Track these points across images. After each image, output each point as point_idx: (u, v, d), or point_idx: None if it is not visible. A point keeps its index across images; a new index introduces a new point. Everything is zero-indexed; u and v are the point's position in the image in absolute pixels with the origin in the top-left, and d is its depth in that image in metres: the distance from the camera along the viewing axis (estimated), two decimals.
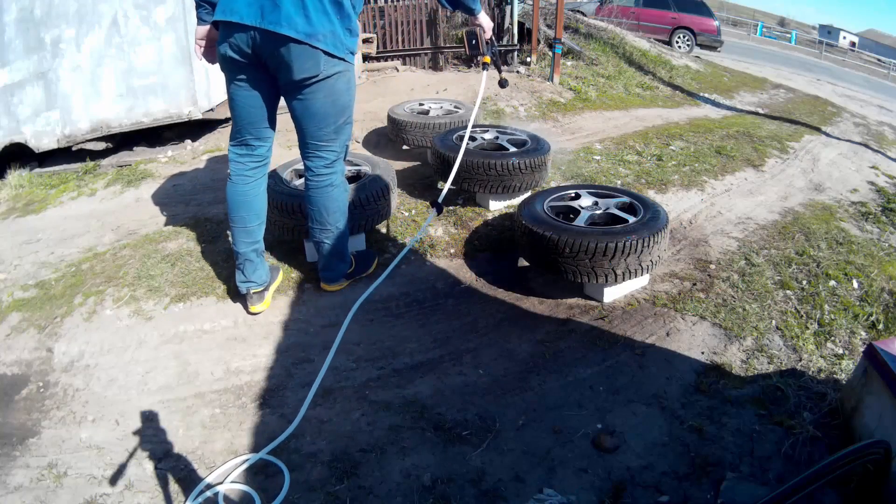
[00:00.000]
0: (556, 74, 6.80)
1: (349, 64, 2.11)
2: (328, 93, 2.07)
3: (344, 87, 2.11)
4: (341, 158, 2.32)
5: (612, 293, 2.76)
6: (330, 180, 2.30)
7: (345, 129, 2.23)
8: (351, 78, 2.15)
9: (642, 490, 1.78)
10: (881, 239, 3.66)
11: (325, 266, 2.52)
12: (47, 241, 3.38)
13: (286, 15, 1.86)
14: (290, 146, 4.64)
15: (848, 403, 1.96)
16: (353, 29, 2.04)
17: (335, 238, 2.41)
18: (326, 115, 2.13)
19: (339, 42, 1.99)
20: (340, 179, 2.35)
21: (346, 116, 2.21)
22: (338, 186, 2.33)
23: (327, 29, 1.93)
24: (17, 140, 4.40)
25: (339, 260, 2.51)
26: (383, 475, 1.85)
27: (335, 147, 2.24)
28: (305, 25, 1.88)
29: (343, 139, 2.25)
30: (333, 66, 2.03)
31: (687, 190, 4.18)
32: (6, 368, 2.42)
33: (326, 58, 1.98)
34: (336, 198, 2.34)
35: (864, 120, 8.11)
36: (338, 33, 1.97)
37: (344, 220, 2.43)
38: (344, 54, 2.03)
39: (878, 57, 26.06)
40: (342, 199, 2.37)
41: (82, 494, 1.83)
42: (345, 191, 2.40)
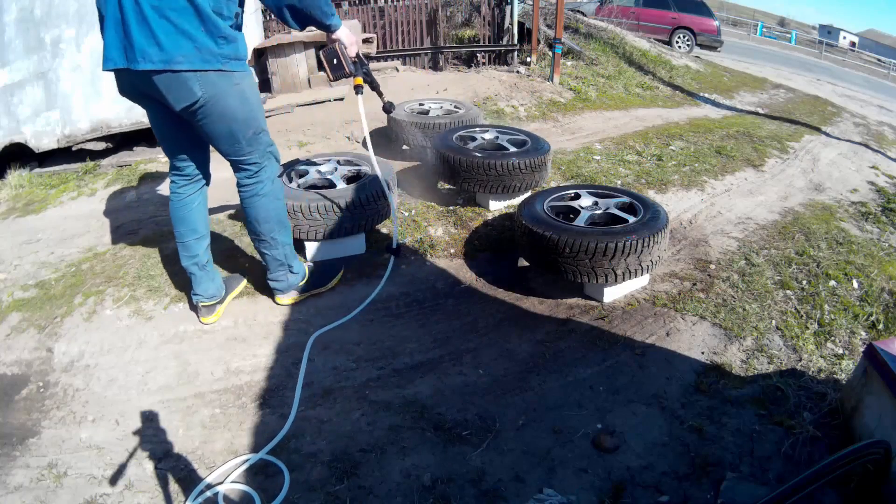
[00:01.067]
0: (556, 74, 6.80)
1: (237, 73, 1.93)
2: (221, 114, 1.93)
3: (237, 104, 1.94)
4: (267, 166, 2.19)
5: (612, 293, 2.76)
6: (255, 190, 2.18)
7: (257, 139, 2.10)
8: (244, 89, 1.97)
9: (642, 490, 1.78)
10: (881, 239, 3.66)
11: (272, 277, 2.42)
12: (47, 241, 3.38)
13: (139, 49, 1.75)
14: (290, 146, 4.64)
15: (848, 403, 1.96)
16: (227, 35, 1.85)
17: (273, 248, 2.30)
18: (230, 134, 2.01)
19: (210, 54, 1.81)
20: (269, 188, 2.20)
21: (254, 128, 2.07)
22: (265, 195, 2.19)
23: (187, 47, 1.77)
24: (17, 140, 4.40)
25: (285, 271, 2.37)
26: (383, 475, 1.85)
27: (254, 158, 2.13)
28: (158, 53, 1.74)
29: (261, 148, 2.13)
30: (214, 85, 1.86)
31: (687, 190, 4.18)
32: (6, 368, 2.42)
33: (200, 78, 1.82)
34: (264, 206, 2.21)
35: (864, 120, 8.11)
36: (204, 46, 1.79)
37: (280, 228, 2.30)
38: (221, 65, 1.85)
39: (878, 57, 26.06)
40: (272, 208, 2.23)
41: (82, 494, 1.83)
42: (275, 199, 2.24)
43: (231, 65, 1.89)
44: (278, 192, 2.26)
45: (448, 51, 8.17)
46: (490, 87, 6.25)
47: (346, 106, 5.54)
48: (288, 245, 2.33)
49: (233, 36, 1.88)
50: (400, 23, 7.94)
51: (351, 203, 2.84)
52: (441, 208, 3.64)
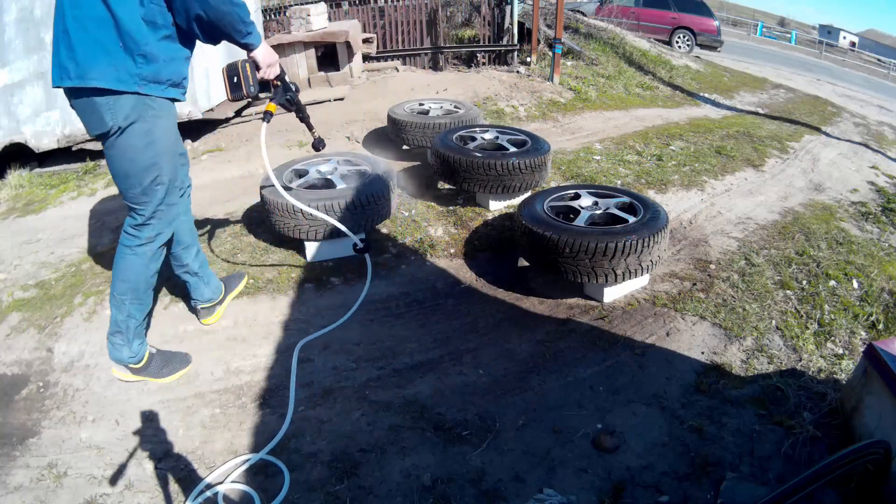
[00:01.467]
0: (556, 74, 6.80)
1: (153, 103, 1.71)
2: (124, 150, 1.74)
3: (141, 144, 1.72)
4: (154, 225, 1.92)
5: (612, 293, 2.76)
6: (129, 242, 1.94)
7: (154, 190, 1.85)
8: (152, 128, 1.74)
9: (642, 490, 1.78)
10: (881, 239, 3.66)
11: (109, 339, 2.09)
12: (47, 241, 3.38)
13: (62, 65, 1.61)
14: (290, 146, 4.64)
15: (848, 403, 1.96)
16: (148, 53, 1.61)
17: (119, 311, 2.00)
18: (127, 175, 1.80)
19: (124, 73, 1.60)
20: (146, 250, 1.94)
21: (154, 176, 1.82)
22: (138, 255, 1.93)
23: (102, 62, 1.58)
24: (17, 140, 4.40)
25: (121, 341, 2.05)
26: (383, 475, 1.85)
27: (146, 210, 1.88)
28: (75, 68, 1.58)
29: (155, 202, 1.87)
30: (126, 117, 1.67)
31: (687, 190, 4.18)
32: (6, 368, 2.42)
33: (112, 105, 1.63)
34: (128, 266, 1.94)
35: (864, 120, 8.11)
36: (120, 63, 1.59)
37: (132, 298, 1.99)
38: (138, 87, 1.64)
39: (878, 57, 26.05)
40: (136, 272, 1.95)
41: (82, 494, 1.83)
42: (144, 266, 1.96)
43: (147, 88, 1.67)
44: (152, 261, 2.00)
45: (448, 51, 8.17)
46: (490, 87, 6.25)
47: (346, 106, 5.54)
48: (135, 320, 2.04)
49: (156, 55, 1.66)
50: (400, 23, 7.94)
51: (351, 203, 2.84)
52: (441, 208, 3.64)
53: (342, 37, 5.87)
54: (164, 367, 2.24)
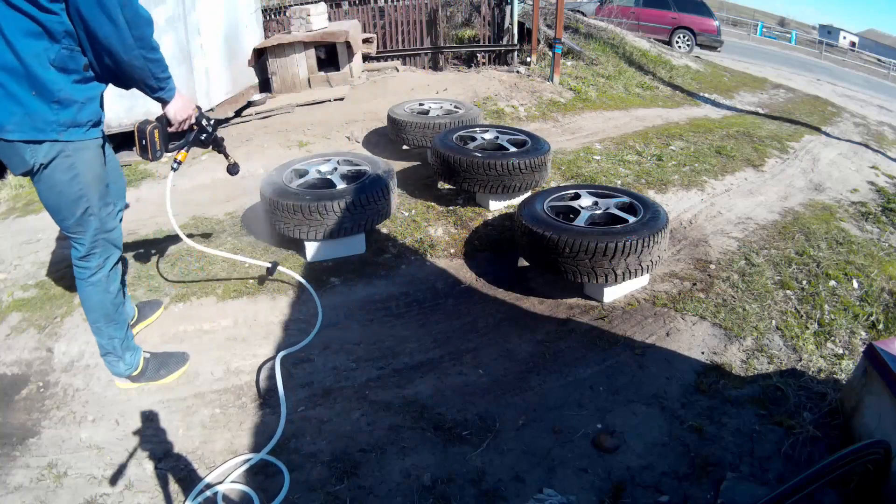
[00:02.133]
0: (556, 74, 6.80)
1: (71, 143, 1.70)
2: (50, 186, 1.74)
3: (65, 178, 1.72)
4: (97, 254, 1.94)
5: (612, 293, 2.76)
6: (83, 275, 1.97)
7: (88, 221, 1.86)
8: (75, 163, 1.73)
9: (642, 490, 1.78)
10: (881, 239, 3.66)
11: (104, 360, 2.19)
12: (47, 241, 3.38)
13: None
14: (290, 146, 4.64)
15: (848, 403, 1.96)
16: (63, 99, 1.60)
17: (100, 336, 2.09)
18: (58, 208, 1.81)
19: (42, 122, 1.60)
20: (98, 278, 1.97)
21: (84, 208, 1.83)
22: (93, 285, 1.97)
23: (16, 114, 1.57)
24: None
25: (114, 360, 2.15)
26: (383, 475, 1.85)
27: (84, 240, 1.89)
28: None
29: (91, 233, 1.88)
30: (45, 155, 1.67)
31: (687, 190, 4.18)
32: (6, 368, 2.42)
33: (32, 147, 1.63)
34: (90, 297, 2.00)
35: (864, 120, 8.11)
36: (36, 113, 1.59)
37: (106, 322, 2.05)
38: (57, 134, 1.64)
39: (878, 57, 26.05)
40: (98, 300, 2.00)
41: (82, 494, 1.83)
42: (105, 291, 2.00)
43: (67, 134, 1.67)
44: (110, 284, 2.03)
45: (448, 51, 8.17)
46: (490, 87, 6.25)
47: (346, 106, 5.54)
48: (117, 338, 2.10)
49: (71, 99, 1.65)
50: (400, 23, 7.94)
51: (351, 203, 2.84)
52: (441, 208, 3.64)
53: (342, 37, 5.87)
54: (161, 369, 2.29)
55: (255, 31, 6.45)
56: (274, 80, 5.97)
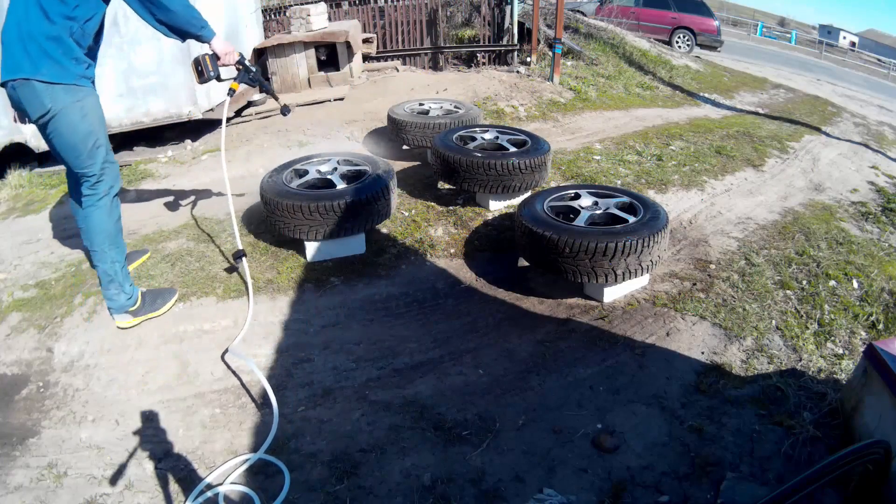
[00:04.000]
0: (556, 74, 6.79)
1: (83, 89, 2.23)
2: (66, 124, 2.21)
3: (78, 118, 2.22)
4: (105, 180, 2.38)
5: (612, 293, 2.76)
6: (91, 201, 2.37)
7: (97, 152, 2.32)
8: (86, 106, 2.24)
9: (642, 490, 1.79)
10: (881, 239, 3.66)
11: (105, 295, 2.50)
12: (47, 241, 3.38)
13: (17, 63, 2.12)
14: (290, 146, 4.64)
15: (848, 403, 1.96)
16: (78, 58, 2.19)
17: (103, 262, 2.42)
18: (74, 145, 2.26)
19: (64, 70, 2.15)
20: (105, 202, 2.39)
21: (94, 141, 2.30)
22: (100, 208, 2.38)
23: (48, 64, 2.11)
24: (17, 140, 4.40)
25: (117, 290, 2.46)
26: (383, 475, 1.85)
27: (94, 169, 2.33)
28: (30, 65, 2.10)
29: (99, 161, 2.33)
30: (61, 99, 2.16)
31: (687, 190, 4.18)
32: (6, 368, 2.42)
33: (51, 91, 2.13)
34: (97, 219, 2.38)
35: (864, 120, 8.11)
36: (61, 64, 2.14)
37: (110, 244, 2.42)
38: (74, 80, 2.18)
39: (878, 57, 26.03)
40: (104, 222, 2.39)
41: (82, 494, 1.83)
42: (108, 214, 2.41)
43: (80, 81, 2.22)
44: (113, 210, 2.44)
45: (448, 51, 8.17)
46: (490, 87, 6.25)
47: (346, 106, 5.54)
48: (119, 263, 2.45)
49: (83, 60, 2.23)
50: (400, 23, 7.94)
51: (351, 203, 2.84)
52: (441, 208, 3.64)
53: (342, 37, 5.87)
54: (157, 299, 2.62)
55: (255, 31, 6.45)
56: (274, 80, 5.97)
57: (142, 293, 2.59)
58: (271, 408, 2.14)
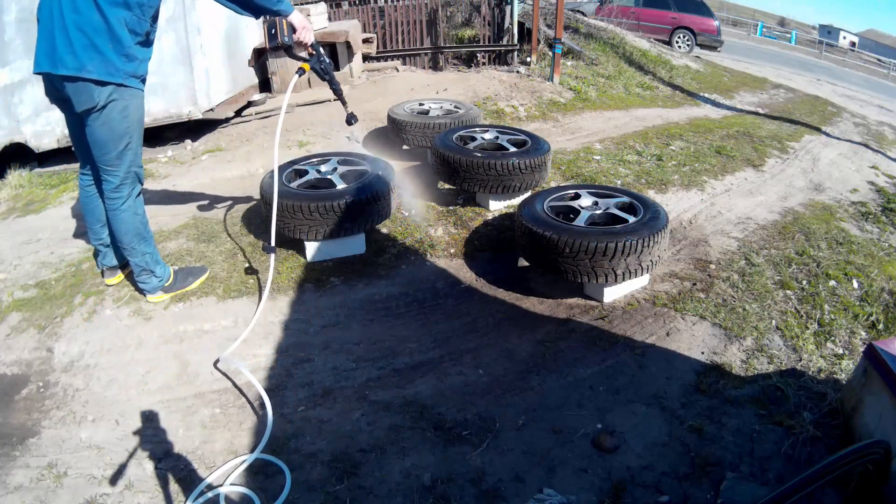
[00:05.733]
0: (556, 74, 6.79)
1: (129, 90, 2.19)
2: (104, 121, 2.19)
3: (118, 116, 2.19)
4: (127, 183, 2.39)
5: (612, 293, 2.76)
6: (116, 205, 2.40)
7: (126, 154, 2.31)
8: (128, 105, 2.21)
9: (642, 490, 1.79)
10: (881, 239, 3.66)
11: (138, 280, 2.63)
12: (47, 241, 3.38)
13: (59, 57, 2.04)
14: (290, 146, 4.64)
15: (848, 403, 1.96)
16: (129, 54, 2.11)
17: (134, 256, 2.53)
18: (106, 142, 2.24)
19: (113, 68, 2.09)
20: (128, 205, 2.43)
21: (126, 143, 2.28)
22: (125, 211, 2.43)
23: (96, 60, 2.05)
24: (18, 140, 4.40)
25: (149, 275, 2.59)
26: (383, 475, 1.85)
27: (119, 172, 2.33)
28: (73, 61, 2.03)
29: (126, 164, 2.33)
30: (109, 95, 2.13)
31: (687, 190, 4.18)
32: (6, 368, 2.42)
33: (100, 88, 2.09)
34: (124, 221, 2.44)
35: (864, 120, 8.11)
36: (110, 60, 2.07)
37: (139, 240, 2.50)
38: (122, 79, 2.14)
39: (878, 57, 26.02)
40: (131, 223, 2.46)
41: (82, 494, 1.83)
42: (134, 214, 2.47)
43: (129, 81, 2.17)
44: (138, 208, 2.49)
45: (448, 51, 8.17)
46: (490, 87, 6.25)
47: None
48: (149, 254, 2.54)
49: (135, 55, 2.15)
50: (400, 23, 7.94)
51: (351, 203, 2.84)
52: (441, 208, 3.64)
53: (342, 37, 5.87)
54: (189, 276, 2.74)
55: (255, 31, 6.44)
56: (274, 80, 5.97)
57: (174, 271, 2.71)
58: (271, 407, 2.15)
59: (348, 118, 2.78)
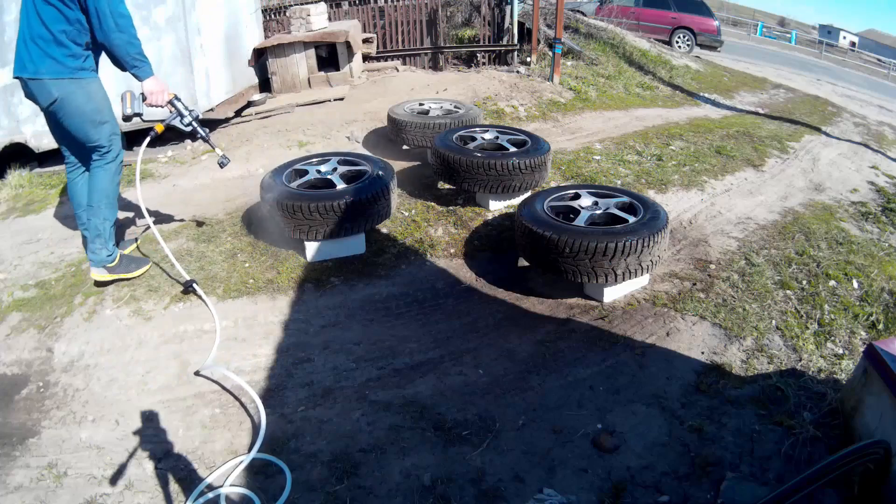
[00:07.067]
0: (556, 74, 6.79)
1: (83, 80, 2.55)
2: (74, 108, 2.53)
3: (83, 100, 2.55)
4: (112, 149, 2.70)
5: (612, 293, 2.76)
6: (100, 164, 2.69)
7: (102, 127, 2.63)
8: (89, 89, 2.57)
9: (642, 490, 1.79)
10: (881, 239, 3.66)
11: (89, 248, 2.78)
12: (47, 241, 3.38)
13: (20, 63, 2.47)
14: (290, 146, 4.64)
15: (848, 403, 1.96)
16: (75, 54, 2.49)
17: (96, 216, 2.72)
18: (81, 124, 2.58)
19: (63, 67, 2.46)
20: (111, 166, 2.71)
21: (100, 118, 2.62)
22: (106, 169, 2.70)
23: (47, 63, 2.44)
24: (17, 140, 4.40)
25: (100, 245, 2.73)
26: (383, 475, 1.85)
27: (102, 142, 2.65)
28: (31, 65, 2.44)
29: (105, 134, 2.65)
30: (65, 87, 2.49)
31: (687, 190, 4.18)
32: (6, 368, 2.42)
33: (55, 82, 2.47)
34: (101, 178, 2.70)
35: (863, 120, 8.11)
36: (59, 61, 2.45)
37: (107, 203, 2.72)
38: (71, 74, 2.49)
39: (878, 57, 26.00)
40: (106, 182, 2.71)
41: (82, 494, 1.83)
42: (111, 176, 2.72)
43: (78, 74, 2.52)
44: (117, 175, 2.77)
45: (448, 51, 8.17)
46: (490, 87, 6.25)
47: (346, 106, 5.54)
48: (109, 221, 2.75)
49: (80, 54, 2.52)
50: (400, 23, 7.93)
51: (351, 203, 2.84)
52: (441, 208, 3.64)
53: (342, 37, 5.87)
54: (131, 264, 2.89)
55: (255, 31, 6.44)
56: (274, 80, 5.97)
57: (121, 255, 2.85)
58: (271, 407, 2.15)
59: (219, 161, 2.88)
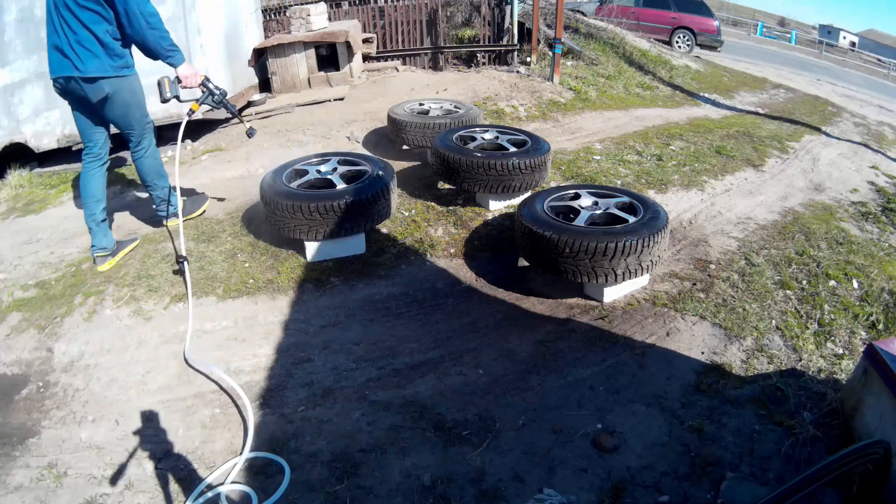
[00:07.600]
0: (556, 74, 6.79)
1: (126, 76, 2.86)
2: (118, 103, 2.87)
3: (128, 95, 2.90)
4: (146, 136, 3.10)
5: (612, 293, 2.76)
6: (140, 155, 3.10)
7: (142, 118, 3.03)
8: (132, 85, 2.92)
9: (642, 490, 1.79)
10: (881, 239, 3.66)
11: (156, 209, 3.31)
12: (47, 241, 3.38)
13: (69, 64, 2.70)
14: (290, 146, 4.64)
15: (848, 403, 1.96)
16: (118, 53, 2.79)
17: (155, 190, 3.21)
18: (124, 115, 2.95)
19: (109, 66, 2.76)
20: (150, 152, 3.13)
21: (140, 110, 3.01)
22: (147, 157, 3.13)
23: (95, 63, 2.72)
24: (17, 140, 4.40)
25: (165, 204, 3.26)
26: (383, 475, 1.85)
27: (137, 130, 3.03)
28: (81, 65, 2.70)
29: (141, 124, 3.03)
30: (113, 84, 2.80)
31: (687, 190, 4.18)
32: (6, 368, 2.42)
33: (104, 80, 2.77)
34: (147, 165, 3.14)
35: (864, 120, 8.11)
36: (104, 61, 2.75)
37: (158, 177, 3.19)
38: (116, 72, 2.80)
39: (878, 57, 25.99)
40: (150, 165, 3.15)
41: (82, 494, 1.83)
42: (154, 159, 3.16)
43: (123, 71, 2.84)
44: (155, 154, 3.19)
45: (448, 51, 8.17)
46: (490, 87, 6.25)
47: (346, 106, 5.54)
48: (165, 188, 3.23)
49: (122, 53, 2.82)
50: (400, 23, 7.93)
51: (351, 203, 2.84)
52: (441, 208, 3.64)
53: (342, 37, 5.86)
54: (195, 204, 3.50)
55: (255, 31, 6.44)
56: (274, 80, 5.97)
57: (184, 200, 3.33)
58: (271, 407, 2.15)
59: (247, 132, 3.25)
